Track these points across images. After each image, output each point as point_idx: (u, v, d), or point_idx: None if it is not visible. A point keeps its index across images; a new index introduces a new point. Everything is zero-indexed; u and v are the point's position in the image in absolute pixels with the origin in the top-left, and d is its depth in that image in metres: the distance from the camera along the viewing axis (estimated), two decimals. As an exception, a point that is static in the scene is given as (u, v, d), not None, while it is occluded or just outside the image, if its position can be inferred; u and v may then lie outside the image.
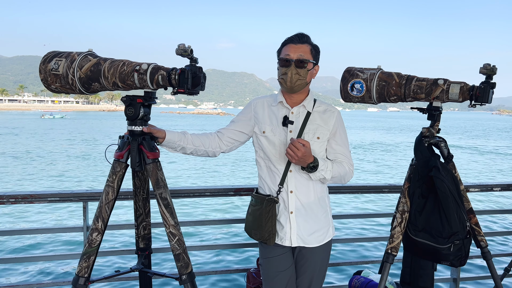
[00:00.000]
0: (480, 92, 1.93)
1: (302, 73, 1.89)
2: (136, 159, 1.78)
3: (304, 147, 1.75)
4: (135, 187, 1.96)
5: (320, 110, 2.00)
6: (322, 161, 1.87)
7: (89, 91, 1.83)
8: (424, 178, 2.07)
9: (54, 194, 2.40)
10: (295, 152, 1.75)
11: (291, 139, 1.79)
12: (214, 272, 2.75)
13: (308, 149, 1.78)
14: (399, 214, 2.14)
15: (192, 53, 1.63)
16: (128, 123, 1.80)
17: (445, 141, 2.17)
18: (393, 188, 2.88)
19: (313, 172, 1.86)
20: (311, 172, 1.86)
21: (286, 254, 1.98)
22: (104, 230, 1.80)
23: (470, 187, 2.91)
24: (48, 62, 1.81)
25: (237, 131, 2.04)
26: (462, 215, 2.00)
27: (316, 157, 1.85)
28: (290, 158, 1.80)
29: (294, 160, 1.79)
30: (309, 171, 1.86)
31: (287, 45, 1.92)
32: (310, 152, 1.80)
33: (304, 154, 1.76)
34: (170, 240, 1.78)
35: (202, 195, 2.61)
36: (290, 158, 1.80)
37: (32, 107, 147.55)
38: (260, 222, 1.93)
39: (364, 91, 2.15)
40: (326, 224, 2.01)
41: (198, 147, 1.96)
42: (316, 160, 1.84)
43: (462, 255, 2.01)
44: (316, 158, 1.84)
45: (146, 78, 1.69)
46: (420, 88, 2.05)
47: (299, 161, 1.79)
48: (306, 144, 1.77)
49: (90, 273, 1.79)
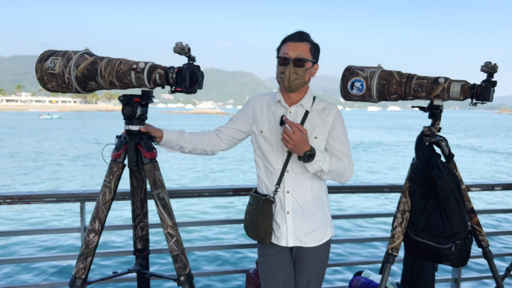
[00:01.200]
0: (481, 91, 1.92)
1: (300, 72, 1.84)
2: (133, 159, 1.76)
3: (301, 132, 1.70)
4: (133, 187, 1.94)
5: (318, 108, 1.96)
6: (319, 152, 1.80)
7: (86, 90, 1.81)
8: (425, 178, 2.06)
9: (51, 195, 2.39)
10: (290, 135, 1.70)
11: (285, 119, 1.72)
12: (213, 273, 2.73)
13: (305, 135, 1.72)
14: (399, 214, 2.13)
15: (189, 51, 1.61)
16: (125, 122, 1.77)
17: (446, 140, 2.16)
18: (394, 187, 2.86)
19: (310, 163, 1.79)
20: (307, 162, 1.79)
21: (284, 252, 1.97)
22: (101, 231, 1.78)
23: (471, 186, 2.89)
24: (44, 61, 1.78)
25: (236, 130, 2.02)
26: (463, 214, 1.98)
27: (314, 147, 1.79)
28: (285, 142, 1.74)
29: (290, 145, 1.73)
30: (306, 161, 1.78)
31: (286, 43, 1.88)
32: (307, 138, 1.74)
33: (300, 139, 1.70)
34: (168, 241, 1.76)
35: (200, 195, 2.60)
36: (285, 142, 1.74)
37: (29, 106, 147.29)
38: (257, 222, 1.92)
39: (364, 90, 2.13)
40: (324, 223, 1.99)
41: (197, 146, 1.93)
42: (313, 149, 1.77)
43: (463, 255, 2.00)
44: (314, 147, 1.78)
45: (143, 77, 1.67)
46: (421, 87, 2.03)
47: (294, 146, 1.73)
48: (303, 130, 1.72)
49: (87, 274, 1.77)
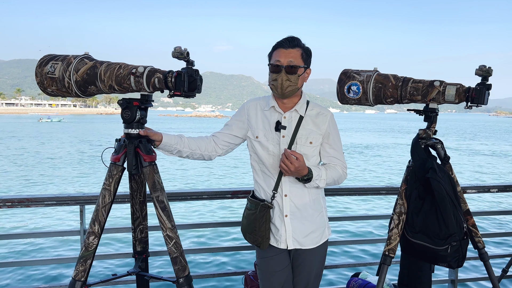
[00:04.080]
0: (476, 94, 1.94)
1: (293, 79, 1.85)
2: (132, 162, 1.78)
3: (298, 161, 1.76)
4: (132, 190, 1.96)
5: (312, 114, 1.98)
6: (316, 171, 1.87)
7: (85, 94, 1.82)
8: (421, 180, 2.08)
9: (50, 198, 2.39)
10: (288, 166, 1.76)
11: (284, 150, 1.78)
12: (212, 275, 2.74)
13: (302, 162, 1.77)
14: (396, 216, 2.15)
15: (188, 55, 1.62)
16: (124, 126, 1.79)
17: (441, 143, 2.18)
18: (390, 189, 2.88)
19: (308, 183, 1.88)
20: (305, 183, 1.89)
21: (282, 254, 1.98)
22: (101, 234, 1.79)
23: (467, 188, 2.91)
24: (44, 66, 1.80)
25: (231, 135, 2.05)
26: (459, 216, 2.00)
27: (310, 168, 1.85)
28: (284, 171, 1.81)
29: (288, 174, 1.82)
30: (304, 182, 1.88)
31: (277, 50, 1.87)
32: (304, 164, 1.79)
33: (298, 168, 1.77)
34: (167, 243, 1.78)
35: (199, 198, 2.61)
36: (284, 171, 1.81)
37: (29, 110, 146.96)
38: (254, 227, 1.94)
39: (360, 93, 2.15)
40: (321, 225, 2.01)
41: (194, 151, 1.95)
42: (310, 172, 1.84)
43: (459, 257, 2.01)
44: (310, 169, 1.84)
45: (143, 81, 1.68)
46: (417, 90, 2.05)
47: (292, 174, 1.82)
48: (299, 157, 1.76)
49: (86, 277, 1.78)
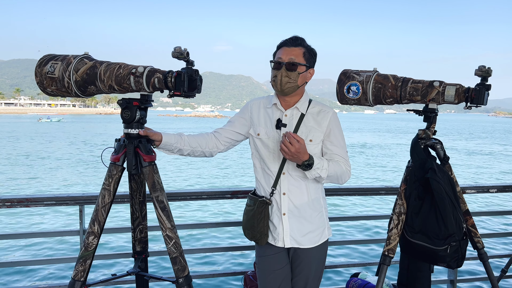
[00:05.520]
0: (475, 94, 1.95)
1: (293, 76, 1.87)
2: (132, 162, 1.78)
3: (299, 143, 1.74)
4: (132, 190, 1.96)
5: (314, 111, 1.99)
6: (317, 160, 1.84)
7: (85, 94, 1.82)
8: (420, 180, 2.08)
9: (50, 198, 2.39)
10: (288, 147, 1.74)
11: (286, 132, 1.76)
12: (211, 275, 2.75)
13: (302, 146, 1.76)
14: (395, 216, 2.15)
15: (188, 56, 1.62)
16: (124, 126, 1.79)
17: (441, 143, 2.18)
18: (390, 190, 2.88)
19: (309, 170, 1.84)
20: (306, 170, 1.84)
21: (281, 253, 1.99)
22: (101, 234, 1.79)
23: (467, 188, 2.92)
24: (44, 65, 1.80)
25: (234, 132, 2.05)
26: (458, 216, 2.00)
27: (312, 155, 1.83)
28: (283, 153, 1.78)
29: (288, 156, 1.78)
30: (304, 169, 1.83)
31: (281, 48, 1.92)
32: (305, 149, 1.78)
33: (298, 150, 1.74)
34: (166, 243, 1.78)
35: (199, 198, 2.61)
36: (283, 153, 1.78)
37: (28, 110, 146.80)
38: (253, 222, 1.95)
39: (360, 93, 2.16)
40: (321, 225, 2.01)
41: (195, 148, 1.96)
42: (311, 158, 1.81)
43: (458, 257, 2.02)
44: (312, 156, 1.82)
45: (142, 81, 1.68)
46: (416, 90, 2.05)
47: (292, 157, 1.78)
48: (300, 141, 1.75)
49: (86, 277, 1.78)
